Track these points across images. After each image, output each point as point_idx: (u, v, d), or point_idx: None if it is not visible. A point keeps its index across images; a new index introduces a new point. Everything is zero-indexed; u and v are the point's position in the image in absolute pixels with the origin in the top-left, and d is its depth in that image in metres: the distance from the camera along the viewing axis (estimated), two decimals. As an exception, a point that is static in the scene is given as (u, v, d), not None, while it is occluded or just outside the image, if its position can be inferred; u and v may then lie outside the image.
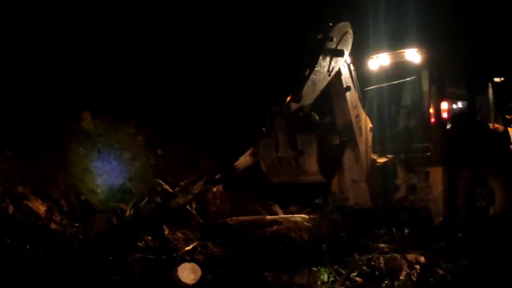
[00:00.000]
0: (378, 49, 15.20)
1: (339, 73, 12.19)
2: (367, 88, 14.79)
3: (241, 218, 12.50)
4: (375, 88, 14.84)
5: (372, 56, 14.76)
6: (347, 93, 12.48)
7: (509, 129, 15.47)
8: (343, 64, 12.26)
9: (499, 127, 15.14)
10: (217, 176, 12.64)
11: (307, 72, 11.20)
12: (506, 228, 13.93)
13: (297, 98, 10.75)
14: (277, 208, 14.18)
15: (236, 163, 12.36)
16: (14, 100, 14.32)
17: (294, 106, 10.63)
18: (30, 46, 16.19)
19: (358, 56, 14.37)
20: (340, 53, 11.88)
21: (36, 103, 14.47)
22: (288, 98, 10.73)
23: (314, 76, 11.22)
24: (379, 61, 14.64)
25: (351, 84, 12.58)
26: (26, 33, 16.41)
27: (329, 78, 11.67)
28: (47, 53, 16.17)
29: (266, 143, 10.93)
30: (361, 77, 14.44)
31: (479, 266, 10.53)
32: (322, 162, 10.54)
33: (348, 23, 12.23)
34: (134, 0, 18.67)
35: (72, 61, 16.17)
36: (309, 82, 11.08)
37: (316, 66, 11.30)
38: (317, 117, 10.97)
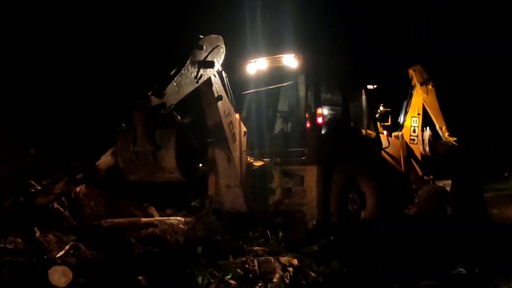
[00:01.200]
0: (256, 53, 15.34)
1: (209, 82, 12.18)
2: (244, 92, 14.89)
3: (116, 220, 12.27)
4: (253, 92, 14.95)
5: (250, 60, 14.86)
6: (219, 102, 12.48)
7: (381, 135, 15.97)
8: (214, 74, 12.26)
9: (372, 133, 15.60)
10: (78, 176, 12.40)
11: (172, 72, 11.14)
12: (376, 232, 14.40)
13: (159, 93, 10.63)
14: (153, 210, 14.02)
15: (97, 163, 12.15)
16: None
17: (155, 100, 10.50)
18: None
19: (236, 60, 14.48)
20: (210, 64, 11.86)
21: None
22: (150, 93, 10.65)
23: (180, 78, 11.13)
24: (257, 66, 14.76)
25: (223, 93, 12.57)
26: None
27: (196, 85, 11.62)
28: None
29: (124, 138, 10.75)
30: (239, 80, 14.56)
31: (350, 268, 10.77)
32: (180, 159, 10.47)
33: (220, 37, 12.24)
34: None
35: None
36: (174, 83, 10.98)
37: (183, 69, 11.23)
38: (179, 117, 10.93)
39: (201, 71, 11.63)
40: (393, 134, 17.88)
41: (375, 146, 15.62)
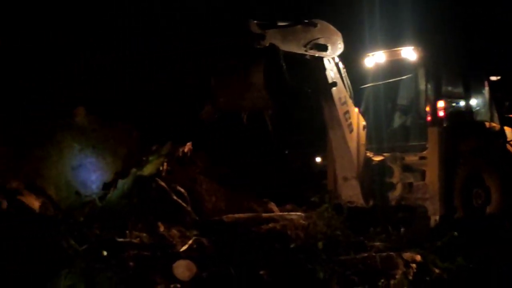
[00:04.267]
0: (374, 47, 15.18)
1: (322, 65, 12.14)
2: (363, 86, 14.76)
3: (237, 215, 12.39)
4: (371, 86, 14.80)
5: (368, 54, 14.71)
6: (334, 89, 12.46)
7: (505, 128, 15.43)
8: (328, 60, 12.23)
9: (496, 125, 15.11)
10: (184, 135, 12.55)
11: (285, 23, 11.33)
12: (501, 228, 13.94)
13: (261, 26, 10.92)
14: (273, 205, 14.08)
15: (200, 114, 12.24)
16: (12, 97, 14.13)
17: (255, 27, 10.82)
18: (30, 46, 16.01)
19: (354, 54, 14.37)
20: (322, 47, 11.84)
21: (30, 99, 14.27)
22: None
23: (286, 32, 11.33)
24: (375, 59, 14.62)
25: (338, 80, 12.51)
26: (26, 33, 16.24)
27: (303, 51, 11.74)
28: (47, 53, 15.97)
29: (221, 61, 11.02)
30: (357, 74, 14.44)
31: (475, 265, 10.48)
32: (269, 77, 10.53)
33: (339, 33, 12.29)
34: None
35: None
36: (277, 30, 11.20)
37: (292, 28, 11.41)
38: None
39: (312, 44, 11.62)
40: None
41: (499, 139, 15.11)
